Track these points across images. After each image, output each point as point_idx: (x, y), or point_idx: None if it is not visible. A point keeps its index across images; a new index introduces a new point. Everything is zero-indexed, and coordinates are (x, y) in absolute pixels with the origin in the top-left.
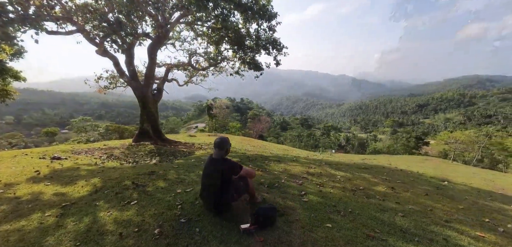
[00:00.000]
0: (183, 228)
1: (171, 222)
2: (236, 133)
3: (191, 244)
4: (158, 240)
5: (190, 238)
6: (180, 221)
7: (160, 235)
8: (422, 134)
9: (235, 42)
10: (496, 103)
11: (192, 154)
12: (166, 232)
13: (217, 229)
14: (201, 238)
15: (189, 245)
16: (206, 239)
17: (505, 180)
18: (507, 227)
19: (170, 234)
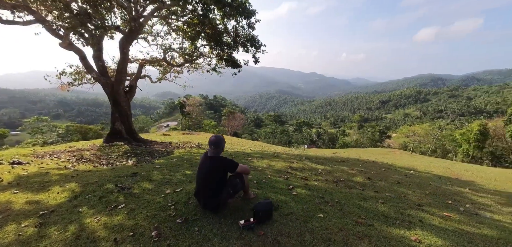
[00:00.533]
0: (181, 229)
1: (167, 223)
2: (211, 131)
3: (192, 244)
4: (157, 242)
5: (190, 238)
6: (176, 221)
7: (159, 237)
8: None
9: (212, 38)
10: (446, 99)
11: (171, 153)
12: (164, 234)
13: (216, 226)
14: (202, 237)
15: (191, 245)
16: (207, 237)
17: (459, 167)
18: (466, 207)
19: (169, 235)
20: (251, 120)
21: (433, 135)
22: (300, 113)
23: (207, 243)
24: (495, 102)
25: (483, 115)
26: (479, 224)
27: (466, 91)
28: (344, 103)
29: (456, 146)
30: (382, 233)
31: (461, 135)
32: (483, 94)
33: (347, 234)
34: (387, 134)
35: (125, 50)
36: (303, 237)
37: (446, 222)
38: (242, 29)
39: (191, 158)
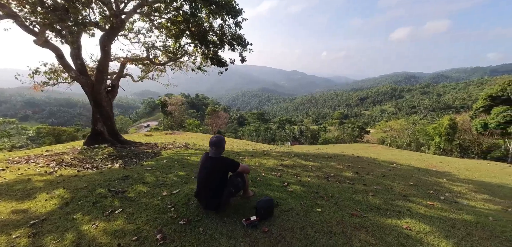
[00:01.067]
0: (185, 230)
1: (170, 225)
2: (194, 130)
3: (199, 244)
4: (163, 245)
5: (196, 238)
6: (179, 223)
7: (164, 240)
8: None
9: (197, 36)
10: (418, 96)
11: (159, 154)
12: (169, 237)
13: (221, 226)
14: (208, 237)
15: (198, 246)
16: (213, 237)
17: (435, 159)
18: (445, 196)
19: (174, 238)
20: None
21: (408, 129)
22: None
23: (214, 242)
24: (461, 98)
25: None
26: (458, 210)
27: (436, 88)
28: (325, 101)
29: (429, 139)
30: (377, 223)
31: (433, 129)
32: (451, 91)
33: (345, 226)
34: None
35: (106, 48)
36: (305, 231)
37: (431, 210)
38: (228, 27)
39: (181, 158)
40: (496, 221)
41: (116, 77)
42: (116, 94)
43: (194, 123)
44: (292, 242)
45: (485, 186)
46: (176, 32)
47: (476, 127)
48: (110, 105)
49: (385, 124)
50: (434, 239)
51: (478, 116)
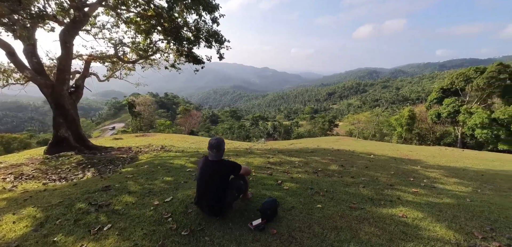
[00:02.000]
0: (190, 241)
1: (171, 237)
2: (166, 131)
3: None
4: None
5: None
6: (182, 234)
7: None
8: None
9: (170, 32)
10: (380, 90)
11: (136, 159)
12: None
13: (227, 232)
14: (217, 246)
15: None
16: (222, 245)
17: (405, 148)
18: (424, 182)
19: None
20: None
21: (373, 121)
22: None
23: None
24: (417, 91)
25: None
26: (439, 195)
27: (395, 82)
28: (295, 96)
29: (392, 130)
30: (375, 214)
31: (396, 121)
32: (408, 85)
33: (348, 220)
34: (334, 123)
35: (68, 44)
36: (313, 229)
37: (417, 197)
38: (204, 23)
39: (164, 163)
40: (473, 202)
41: (81, 77)
42: (81, 95)
43: (165, 124)
44: (304, 242)
45: (452, 171)
46: (146, 28)
47: (431, 116)
48: (74, 107)
49: (353, 117)
50: (429, 224)
51: (432, 107)
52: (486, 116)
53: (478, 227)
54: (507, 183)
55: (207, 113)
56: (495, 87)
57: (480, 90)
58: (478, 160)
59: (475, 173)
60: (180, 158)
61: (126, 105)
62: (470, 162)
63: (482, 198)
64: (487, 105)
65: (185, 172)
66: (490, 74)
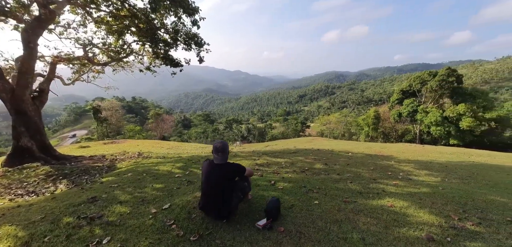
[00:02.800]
0: (201, 246)
1: (180, 244)
2: (136, 137)
3: None
4: None
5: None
6: (191, 240)
7: None
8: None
9: (146, 33)
10: (347, 92)
11: (114, 168)
12: None
13: (237, 234)
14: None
15: None
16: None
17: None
18: (400, 175)
19: None
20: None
21: (342, 122)
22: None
23: None
24: (379, 93)
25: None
26: (416, 185)
27: (360, 85)
28: (268, 99)
29: (360, 129)
30: (367, 206)
31: (363, 120)
32: (371, 87)
33: (346, 213)
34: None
35: (31, 44)
36: (316, 223)
37: (399, 189)
38: (183, 25)
39: (148, 170)
40: (445, 190)
41: (45, 80)
42: (45, 101)
43: (135, 129)
44: (311, 236)
45: (421, 164)
46: (119, 28)
47: (393, 116)
48: (38, 114)
49: (324, 119)
50: (414, 211)
51: (394, 107)
52: (439, 114)
53: (453, 211)
54: (466, 173)
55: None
56: (445, 89)
57: (433, 92)
58: (439, 154)
59: (440, 165)
60: (164, 164)
61: (90, 110)
62: (433, 156)
63: (450, 186)
64: (439, 105)
65: (174, 178)
66: (441, 77)
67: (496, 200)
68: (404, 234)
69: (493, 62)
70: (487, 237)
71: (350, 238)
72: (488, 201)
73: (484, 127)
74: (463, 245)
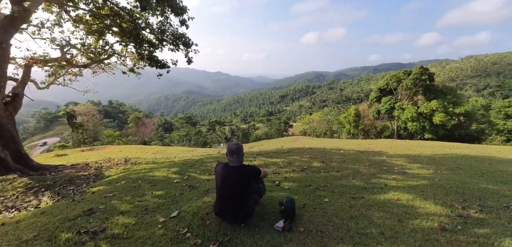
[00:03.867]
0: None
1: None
2: (116, 142)
3: None
4: None
5: None
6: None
7: None
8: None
9: (129, 34)
10: (326, 91)
11: (102, 177)
12: None
13: (258, 238)
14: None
15: None
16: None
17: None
18: (395, 169)
19: None
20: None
21: (324, 120)
22: (210, 113)
23: None
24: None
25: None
26: (414, 178)
27: (339, 84)
28: (250, 100)
29: (341, 127)
30: (376, 200)
31: (344, 118)
32: (349, 86)
33: (358, 209)
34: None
35: (4, 44)
36: (334, 221)
37: (399, 182)
38: (169, 25)
39: (142, 176)
40: (441, 182)
41: (20, 84)
42: (20, 106)
43: (114, 134)
44: (333, 234)
45: (411, 158)
46: (99, 28)
47: (372, 113)
48: (12, 121)
49: (307, 118)
50: (420, 203)
51: (373, 105)
52: (414, 111)
53: (455, 200)
54: (453, 164)
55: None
56: (419, 87)
57: (408, 89)
58: (423, 148)
59: (428, 158)
60: (158, 170)
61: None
62: (418, 150)
63: (445, 177)
64: (414, 102)
65: (173, 184)
66: (415, 76)
67: (488, 188)
68: (418, 226)
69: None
70: (492, 223)
71: (369, 233)
72: (482, 190)
73: (454, 121)
74: (473, 232)
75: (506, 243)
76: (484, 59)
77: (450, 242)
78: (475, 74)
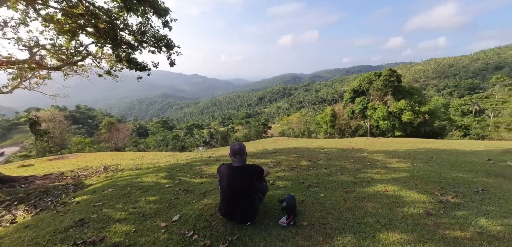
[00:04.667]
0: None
1: None
2: (87, 150)
3: None
4: None
5: None
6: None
7: None
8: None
9: (105, 34)
10: (303, 93)
11: (83, 185)
12: None
13: (266, 234)
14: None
15: None
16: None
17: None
18: (377, 164)
19: None
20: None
21: (301, 121)
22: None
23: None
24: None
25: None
26: (396, 171)
27: (314, 86)
28: (228, 102)
29: (319, 127)
30: (367, 193)
31: (322, 118)
32: (324, 88)
33: (352, 202)
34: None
35: None
36: (333, 214)
37: (383, 176)
38: (150, 27)
39: (131, 183)
40: (420, 173)
41: None
42: None
43: (84, 142)
44: (334, 225)
45: (389, 153)
46: (71, 28)
47: (347, 113)
48: None
49: (285, 119)
50: (405, 193)
51: (347, 105)
52: (385, 110)
53: (434, 188)
54: (426, 157)
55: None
56: (389, 87)
57: (379, 90)
58: (397, 144)
59: (404, 153)
60: (146, 176)
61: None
62: (394, 146)
63: (422, 169)
64: (384, 102)
65: (166, 189)
66: (385, 77)
67: (459, 177)
68: (407, 213)
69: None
70: (467, 206)
71: (367, 222)
72: (455, 178)
73: (420, 119)
74: (453, 215)
75: (481, 222)
76: (443, 62)
77: (436, 224)
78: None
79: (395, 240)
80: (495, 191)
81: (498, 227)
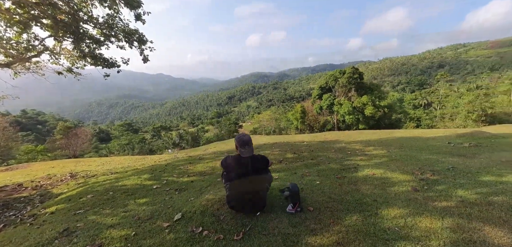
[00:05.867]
0: (252, 243)
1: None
2: (39, 158)
3: (282, 244)
4: None
5: (269, 243)
6: (235, 240)
7: None
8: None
9: (65, 27)
10: (271, 91)
11: (51, 195)
12: None
13: (277, 222)
14: (281, 234)
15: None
16: (283, 232)
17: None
18: (357, 152)
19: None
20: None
21: (272, 118)
22: (153, 118)
23: (291, 237)
24: (299, 90)
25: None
26: (376, 157)
27: (282, 84)
28: (196, 102)
29: (290, 123)
30: (358, 177)
31: (292, 115)
32: (292, 86)
33: (347, 186)
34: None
35: None
36: (334, 198)
37: (367, 162)
38: (119, 19)
39: (113, 187)
40: (397, 157)
41: None
42: None
43: (36, 150)
44: (338, 207)
45: (364, 142)
46: (23, 19)
47: (316, 109)
48: None
49: (258, 117)
50: (390, 174)
51: (316, 102)
52: (350, 105)
53: (414, 168)
54: (398, 144)
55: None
56: (352, 84)
57: (344, 87)
58: (369, 135)
59: (377, 141)
60: (127, 179)
61: None
62: (365, 137)
63: (398, 154)
64: (349, 97)
65: (154, 190)
66: (348, 75)
67: (431, 158)
68: (398, 191)
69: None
70: (444, 181)
71: (366, 202)
72: (428, 159)
73: (380, 113)
74: (436, 189)
75: (459, 192)
76: (396, 61)
77: (425, 198)
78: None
79: (396, 214)
80: (462, 167)
81: (474, 195)
